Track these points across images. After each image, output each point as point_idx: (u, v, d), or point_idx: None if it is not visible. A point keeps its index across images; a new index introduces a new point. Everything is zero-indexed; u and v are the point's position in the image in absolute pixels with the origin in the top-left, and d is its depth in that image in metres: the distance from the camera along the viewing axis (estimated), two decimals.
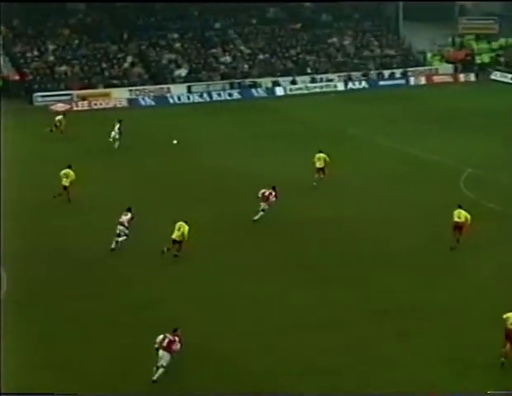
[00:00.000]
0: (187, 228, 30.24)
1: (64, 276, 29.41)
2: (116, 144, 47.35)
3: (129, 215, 31.70)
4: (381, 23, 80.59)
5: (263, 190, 34.64)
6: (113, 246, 31.33)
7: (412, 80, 73.43)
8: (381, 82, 72.54)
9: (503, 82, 72.64)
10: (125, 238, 31.41)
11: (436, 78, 74.37)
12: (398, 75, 73.84)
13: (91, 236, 33.01)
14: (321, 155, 40.31)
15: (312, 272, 29.75)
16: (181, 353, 22.29)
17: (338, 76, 71.90)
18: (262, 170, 42.45)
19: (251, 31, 75.38)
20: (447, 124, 53.96)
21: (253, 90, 68.30)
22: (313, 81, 70.69)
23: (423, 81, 73.58)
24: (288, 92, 68.68)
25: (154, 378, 21.86)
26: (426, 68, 76.01)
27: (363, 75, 72.81)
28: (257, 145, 48.84)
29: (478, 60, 78.55)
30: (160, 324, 23.64)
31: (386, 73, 73.63)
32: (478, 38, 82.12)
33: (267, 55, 73.29)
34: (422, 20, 77.89)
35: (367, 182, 40.80)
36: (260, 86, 68.96)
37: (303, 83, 70.13)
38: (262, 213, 34.52)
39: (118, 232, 31.40)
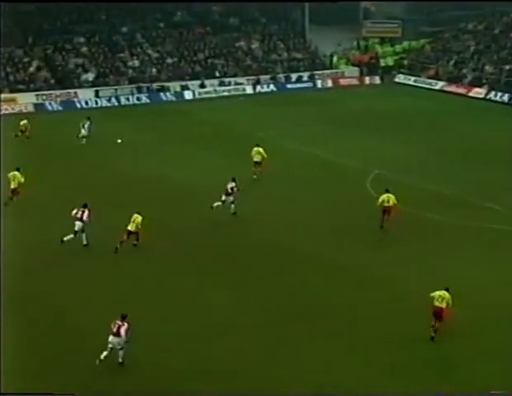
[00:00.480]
0: (140, 218, 31.94)
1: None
2: (84, 141, 49.62)
3: (86, 212, 32.52)
4: (287, 27, 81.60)
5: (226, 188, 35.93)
6: (85, 242, 32.46)
7: (319, 83, 74.67)
8: (289, 86, 73.55)
9: (406, 85, 74.54)
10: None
11: (342, 81, 75.80)
12: (305, 78, 74.93)
13: None
14: (258, 149, 42.11)
15: (226, 274, 30.13)
16: (129, 338, 23.59)
17: (247, 79, 72.56)
18: (172, 173, 42.72)
19: (159, 35, 75.32)
20: (353, 127, 55.12)
21: (162, 94, 68.31)
22: (222, 84, 71.16)
23: (329, 84, 74.90)
24: (197, 96, 68.96)
25: (102, 357, 23.41)
26: (333, 71, 77.37)
27: (271, 78, 73.67)
28: (166, 149, 48.95)
29: (383, 63, 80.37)
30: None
31: (294, 76, 74.68)
32: (382, 41, 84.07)
33: (175, 59, 73.38)
34: (328, 23, 79.27)
35: (275, 185, 41.40)
36: (169, 90, 69.01)
37: (212, 87, 70.53)
38: (232, 205, 36.04)
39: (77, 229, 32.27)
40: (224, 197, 35.97)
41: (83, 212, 32.55)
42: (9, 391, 21.59)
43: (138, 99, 66.92)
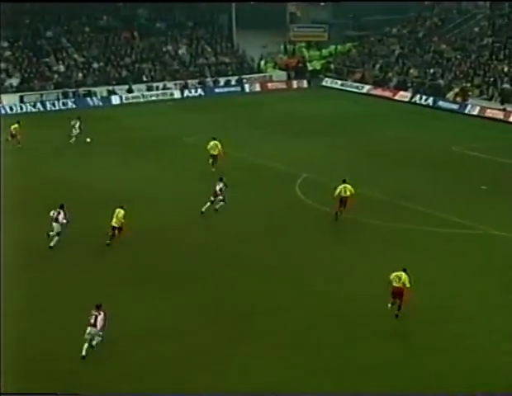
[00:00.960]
0: (122, 212, 32.75)
1: None
2: (73, 140, 50.59)
3: (62, 213, 32.71)
4: (215, 31, 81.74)
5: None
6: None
7: (247, 87, 75.02)
8: (217, 90, 73.72)
9: (333, 88, 75.44)
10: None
11: (270, 85, 76.30)
12: (233, 82, 75.25)
13: None
14: (215, 142, 43.70)
15: (149, 281, 30.01)
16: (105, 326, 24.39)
17: (175, 84, 72.47)
18: (95, 178, 42.45)
19: (84, 39, 74.59)
20: (282, 130, 55.51)
21: (89, 99, 67.71)
22: (149, 89, 70.87)
23: (258, 88, 75.32)
24: (124, 101, 68.54)
25: (83, 352, 24.28)
26: (260, 75, 77.85)
27: (199, 83, 73.72)
28: (92, 153, 48.60)
29: (310, 67, 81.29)
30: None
31: (222, 80, 74.91)
32: (309, 45, 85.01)
33: (101, 64, 72.79)
34: (255, 27, 79.68)
35: (207, 188, 41.40)
36: (95, 95, 68.43)
37: (139, 92, 70.17)
38: (222, 203, 37.18)
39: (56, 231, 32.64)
40: (212, 198, 37.01)
41: (59, 213, 32.73)
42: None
43: (64, 104, 66.17)
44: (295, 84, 77.28)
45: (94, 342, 24.49)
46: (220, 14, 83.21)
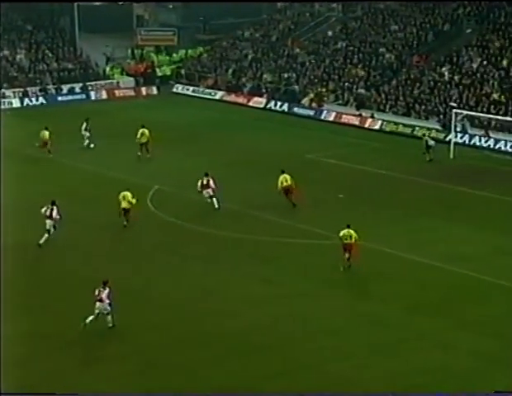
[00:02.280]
0: (129, 194, 37.39)
1: None
2: (86, 142, 53.39)
3: (55, 209, 34.84)
4: (56, 35, 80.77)
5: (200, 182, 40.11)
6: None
7: (93, 94, 74.59)
8: (60, 98, 72.97)
9: (185, 95, 76.13)
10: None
11: (118, 92, 76.16)
12: (78, 90, 74.61)
13: None
14: (144, 130, 50.80)
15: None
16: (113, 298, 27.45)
17: (13, 92, 71.18)
18: None
19: None
20: (131, 140, 55.17)
21: None
22: None
23: (104, 95, 75.01)
24: None
25: (87, 321, 27.49)
26: (107, 81, 77.53)
27: (41, 90, 72.74)
28: None
29: (159, 73, 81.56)
30: None
31: (65, 87, 74.14)
32: (158, 50, 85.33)
33: None
34: (99, 31, 79.52)
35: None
36: None
37: None
38: (212, 199, 40.11)
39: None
40: (208, 193, 40.14)
41: (52, 210, 34.53)
42: None
43: None
44: (144, 91, 77.42)
45: (110, 324, 27.63)
46: (61, 16, 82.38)
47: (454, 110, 55.41)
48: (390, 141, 57.32)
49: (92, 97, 74.32)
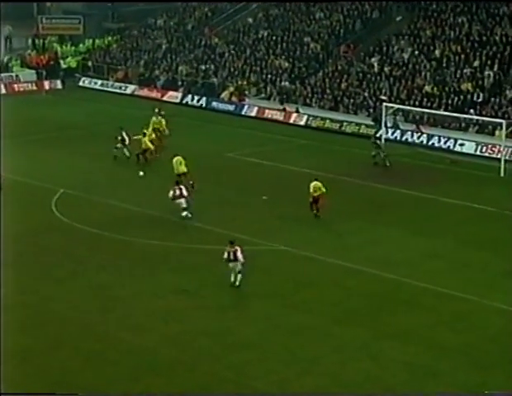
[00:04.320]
0: (182, 160, 43.52)
1: None
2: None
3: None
4: None
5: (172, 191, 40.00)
6: None
7: None
8: None
9: (92, 89, 75.91)
10: None
11: (17, 87, 75.57)
12: None
13: None
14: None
15: None
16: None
17: None
18: None
19: None
20: (34, 140, 55.20)
21: None
22: None
23: (3, 90, 74.23)
24: None
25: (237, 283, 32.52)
26: (6, 74, 76.71)
27: None
28: None
29: (64, 65, 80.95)
30: None
31: None
32: (62, 40, 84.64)
33: None
34: None
35: None
36: None
37: None
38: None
39: None
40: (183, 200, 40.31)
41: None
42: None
43: None
44: (47, 85, 76.87)
45: (237, 283, 32.47)
46: None
47: (384, 104, 56.53)
48: (316, 138, 58.14)
49: None
